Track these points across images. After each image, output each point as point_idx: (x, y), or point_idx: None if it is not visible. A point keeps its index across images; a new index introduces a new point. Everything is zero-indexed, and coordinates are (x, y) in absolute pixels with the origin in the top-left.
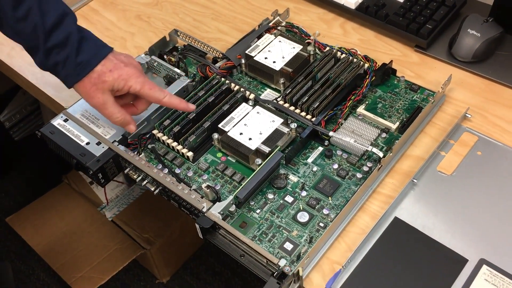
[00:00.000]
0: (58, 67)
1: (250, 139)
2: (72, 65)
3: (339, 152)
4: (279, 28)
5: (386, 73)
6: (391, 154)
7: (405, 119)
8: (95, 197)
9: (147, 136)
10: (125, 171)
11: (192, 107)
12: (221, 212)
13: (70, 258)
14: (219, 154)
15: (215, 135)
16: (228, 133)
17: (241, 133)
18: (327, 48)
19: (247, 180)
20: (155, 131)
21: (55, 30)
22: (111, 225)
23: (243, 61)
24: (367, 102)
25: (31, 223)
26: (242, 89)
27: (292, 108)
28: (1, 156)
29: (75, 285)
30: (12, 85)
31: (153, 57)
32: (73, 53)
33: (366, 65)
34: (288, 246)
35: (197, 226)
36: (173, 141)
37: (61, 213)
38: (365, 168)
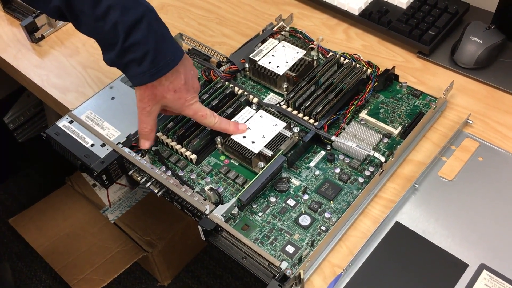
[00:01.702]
0: (131, 64)
1: (253, 142)
2: (147, 65)
3: (341, 157)
4: (283, 33)
5: (388, 78)
6: (392, 159)
7: (407, 125)
8: (97, 199)
9: None
10: (129, 173)
11: (242, 128)
12: (224, 215)
13: (72, 259)
14: (222, 157)
15: (219, 138)
16: (231, 137)
17: (244, 137)
18: (330, 53)
19: (249, 183)
20: (159, 134)
21: (136, 28)
22: (113, 228)
23: (247, 65)
24: (369, 107)
25: (34, 224)
26: (245, 93)
27: (295, 112)
28: (5, 157)
29: (77, 287)
30: (16, 87)
31: None
32: (151, 53)
33: (369, 71)
34: (290, 249)
35: (199, 228)
36: (177, 144)
37: (64, 215)
38: (367, 173)
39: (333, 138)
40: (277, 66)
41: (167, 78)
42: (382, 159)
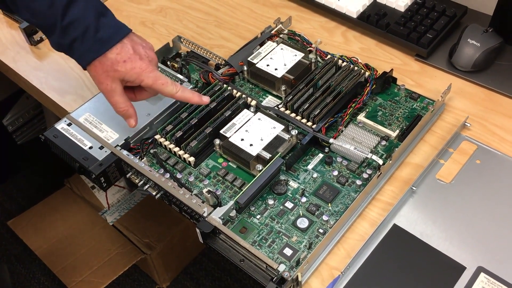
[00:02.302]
0: (75, 43)
1: (251, 145)
2: (90, 40)
3: (339, 159)
4: (281, 35)
5: (386, 81)
6: (390, 161)
7: (405, 127)
8: (96, 202)
9: (150, 141)
10: (127, 176)
11: (206, 99)
12: (222, 217)
13: (71, 262)
14: (220, 160)
15: (217, 141)
16: (230, 139)
17: (242, 139)
18: (329, 56)
19: (247, 186)
20: (157, 136)
21: (72, 4)
22: (112, 230)
23: (245, 68)
24: (367, 110)
25: (33, 226)
26: (244, 96)
27: (293, 115)
28: (4, 159)
29: None
30: (15, 89)
31: None
32: (92, 28)
33: (367, 73)
34: (288, 251)
35: (197, 230)
36: (175, 146)
37: (63, 217)
38: (365, 175)
39: (331, 140)
40: (275, 69)
41: (112, 51)
42: (380, 161)
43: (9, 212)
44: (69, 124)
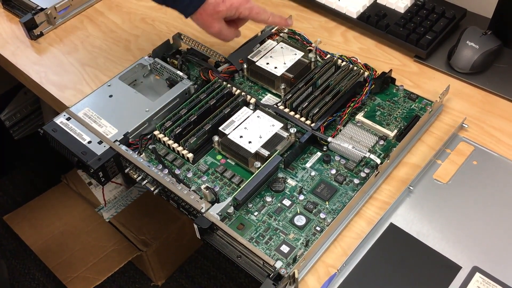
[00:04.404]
0: None
1: (249, 142)
2: None
3: (337, 158)
4: (281, 34)
5: (385, 81)
6: (388, 161)
7: (403, 127)
8: (93, 198)
9: (148, 136)
10: (126, 171)
11: (290, 22)
12: (220, 213)
13: (66, 258)
14: (219, 157)
15: (216, 138)
16: (228, 136)
17: (241, 136)
18: (328, 56)
19: (245, 183)
20: (156, 132)
21: None
22: (108, 226)
23: (245, 65)
24: (366, 110)
25: (29, 222)
26: (243, 93)
27: (292, 113)
28: (0, 155)
29: (70, 285)
30: (13, 85)
31: (156, 59)
32: None
33: (366, 73)
34: (285, 248)
35: (195, 226)
36: (174, 142)
37: (59, 213)
38: (362, 174)
39: (330, 139)
40: (275, 67)
41: None
42: (378, 161)
43: (5, 207)
44: (68, 119)
